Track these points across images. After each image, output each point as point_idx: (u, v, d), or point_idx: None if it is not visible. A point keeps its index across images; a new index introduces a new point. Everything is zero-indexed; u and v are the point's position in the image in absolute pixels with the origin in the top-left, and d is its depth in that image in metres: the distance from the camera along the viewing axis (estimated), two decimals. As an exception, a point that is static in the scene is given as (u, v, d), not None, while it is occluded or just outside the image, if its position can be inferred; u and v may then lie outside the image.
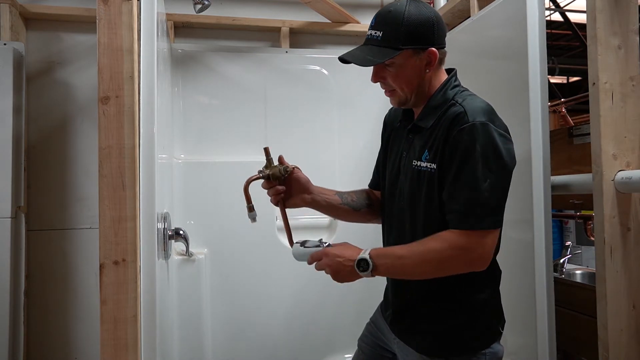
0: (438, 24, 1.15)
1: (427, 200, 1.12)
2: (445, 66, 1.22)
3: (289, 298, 2.31)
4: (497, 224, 1.07)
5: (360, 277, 1.10)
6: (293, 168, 1.28)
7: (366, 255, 1.08)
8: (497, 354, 1.17)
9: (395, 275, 1.15)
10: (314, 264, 1.16)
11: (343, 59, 1.18)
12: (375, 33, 1.14)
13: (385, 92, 1.21)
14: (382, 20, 1.14)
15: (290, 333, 2.31)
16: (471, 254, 1.05)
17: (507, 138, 1.08)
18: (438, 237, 1.06)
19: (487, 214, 1.04)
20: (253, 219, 1.31)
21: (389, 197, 1.27)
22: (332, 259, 1.12)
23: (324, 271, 1.14)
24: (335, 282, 1.14)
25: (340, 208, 1.34)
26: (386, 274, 1.12)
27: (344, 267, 1.10)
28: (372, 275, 1.09)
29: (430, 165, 1.11)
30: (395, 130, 1.31)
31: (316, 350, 2.33)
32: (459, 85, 1.20)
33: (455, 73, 1.21)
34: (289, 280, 2.29)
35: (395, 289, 1.26)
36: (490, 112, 1.09)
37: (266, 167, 1.27)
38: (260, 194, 1.28)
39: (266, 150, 1.28)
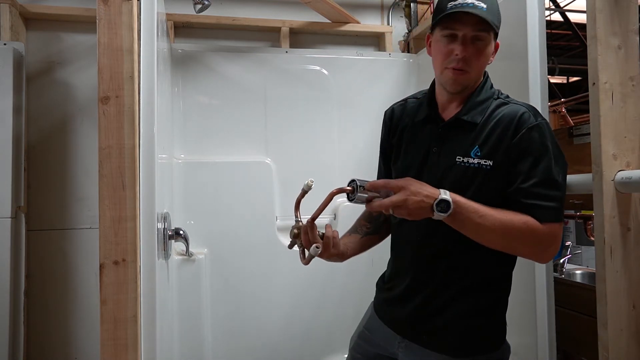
0: None
1: (473, 196, 1.05)
2: None
3: (289, 298, 2.31)
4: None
5: (430, 216, 1.00)
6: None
7: (448, 197, 0.99)
8: (509, 348, 1.19)
9: (466, 230, 1.05)
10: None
11: (458, 12, 1.05)
12: (480, 4, 1.06)
13: (454, 68, 1.10)
14: None
15: (290, 333, 2.31)
16: (551, 245, 1.06)
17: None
18: (525, 220, 1.03)
19: (562, 208, 1.07)
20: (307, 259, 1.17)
21: None
22: (412, 193, 0.99)
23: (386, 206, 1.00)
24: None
25: (365, 240, 1.31)
26: (458, 224, 1.03)
27: (421, 203, 0.99)
28: (441, 218, 1.00)
29: (485, 162, 1.08)
30: (413, 126, 1.24)
31: (316, 349, 2.33)
32: (493, 85, 1.20)
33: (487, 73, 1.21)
34: (289, 280, 2.29)
35: (419, 285, 1.18)
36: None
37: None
38: (261, 194, 1.27)
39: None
